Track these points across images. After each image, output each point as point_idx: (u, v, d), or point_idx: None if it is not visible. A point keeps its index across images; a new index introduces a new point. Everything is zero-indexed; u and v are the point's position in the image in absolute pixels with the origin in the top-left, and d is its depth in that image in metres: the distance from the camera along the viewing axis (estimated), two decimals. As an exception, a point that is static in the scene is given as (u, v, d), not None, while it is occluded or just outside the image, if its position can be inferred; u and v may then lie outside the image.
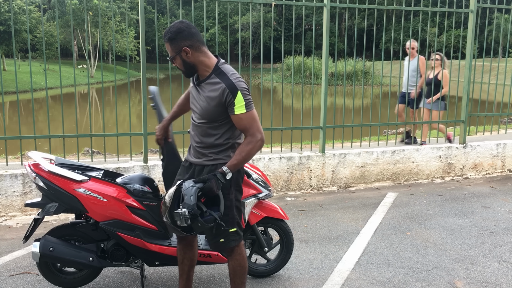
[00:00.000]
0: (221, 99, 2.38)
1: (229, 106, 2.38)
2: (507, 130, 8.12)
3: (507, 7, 6.68)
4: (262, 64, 6.69)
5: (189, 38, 2.37)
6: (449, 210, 4.96)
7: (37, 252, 2.79)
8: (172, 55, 2.42)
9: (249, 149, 2.38)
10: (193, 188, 2.30)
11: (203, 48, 2.42)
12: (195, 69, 2.46)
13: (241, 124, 2.40)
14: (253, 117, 2.40)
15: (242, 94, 2.36)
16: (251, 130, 2.39)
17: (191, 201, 2.26)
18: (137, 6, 15.90)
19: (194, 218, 2.27)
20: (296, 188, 5.64)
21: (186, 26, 2.38)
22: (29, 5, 34.39)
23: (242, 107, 2.36)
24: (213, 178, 2.33)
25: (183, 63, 2.42)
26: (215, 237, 2.51)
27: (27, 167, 2.86)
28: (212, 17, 50.58)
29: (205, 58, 2.43)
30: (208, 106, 2.43)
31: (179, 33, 2.36)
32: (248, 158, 2.41)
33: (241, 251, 2.65)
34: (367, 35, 10.76)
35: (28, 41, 4.89)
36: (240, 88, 2.36)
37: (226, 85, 2.36)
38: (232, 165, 2.38)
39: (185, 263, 2.81)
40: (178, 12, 59.28)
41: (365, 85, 20.23)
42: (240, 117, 2.38)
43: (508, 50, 7.75)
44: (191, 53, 2.38)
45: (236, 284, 2.71)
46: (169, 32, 2.38)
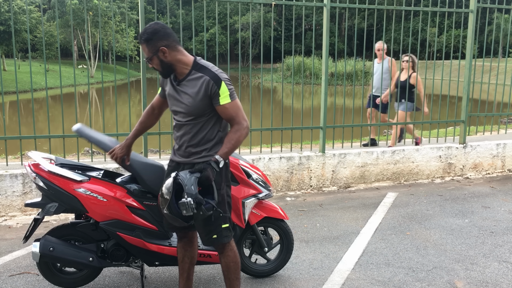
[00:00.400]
0: (206, 91, 2.44)
1: (214, 97, 2.44)
2: (507, 130, 8.12)
3: (507, 7, 6.68)
4: (262, 64, 6.69)
5: (165, 38, 2.41)
6: (449, 210, 4.96)
7: (37, 252, 2.79)
8: (149, 56, 2.45)
9: (237, 136, 2.46)
10: (192, 178, 2.35)
11: (179, 47, 2.48)
12: (172, 68, 2.49)
13: (227, 114, 2.47)
14: (238, 106, 2.49)
15: (225, 84, 2.44)
16: (237, 118, 2.47)
17: (193, 190, 2.31)
18: (137, 6, 15.90)
19: (198, 206, 2.32)
20: (296, 188, 5.64)
21: (162, 26, 2.43)
22: (29, 5, 34.39)
23: (227, 97, 2.44)
24: (209, 166, 2.39)
25: (160, 63, 2.46)
26: (208, 233, 2.56)
27: (27, 167, 2.86)
28: (212, 17, 50.57)
29: (182, 57, 2.48)
30: (194, 101, 2.47)
31: (155, 33, 2.40)
32: (237, 146, 2.49)
33: (232, 247, 2.69)
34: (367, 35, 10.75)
35: (28, 41, 4.89)
36: (223, 79, 2.44)
37: (209, 77, 2.43)
38: (223, 153, 2.46)
39: (186, 261, 2.82)
40: (178, 12, 59.33)
41: (365, 85, 20.23)
42: (225, 107, 2.45)
43: (508, 50, 7.75)
44: (168, 53, 2.42)
45: (231, 280, 2.72)
46: (145, 33, 2.42)
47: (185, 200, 2.29)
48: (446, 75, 7.29)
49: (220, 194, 2.54)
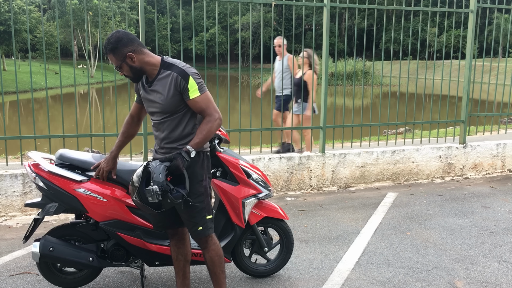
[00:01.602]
0: (176, 87, 2.47)
1: (184, 92, 2.48)
2: (507, 130, 8.12)
3: (507, 7, 6.68)
4: (262, 64, 6.69)
5: (130, 44, 2.46)
6: (449, 210, 4.96)
7: (37, 252, 2.79)
8: (117, 64, 2.49)
9: (208, 127, 2.48)
10: (161, 166, 2.39)
11: (144, 50, 2.52)
12: (142, 71, 2.54)
13: (198, 107, 2.51)
14: (208, 98, 2.52)
15: (193, 78, 2.47)
16: (208, 110, 2.50)
17: (160, 178, 2.36)
18: (137, 6, 15.89)
19: (164, 194, 2.36)
20: (296, 188, 5.64)
21: (124, 33, 2.49)
22: (29, 5, 34.38)
23: (196, 91, 2.47)
24: (179, 156, 2.42)
25: (130, 69, 2.51)
26: (194, 225, 2.61)
27: (27, 167, 2.86)
28: (212, 17, 50.57)
29: (149, 58, 2.52)
30: (165, 99, 2.50)
31: (119, 41, 2.45)
32: (209, 136, 2.50)
33: (215, 241, 2.72)
34: (367, 35, 10.69)
35: (28, 41, 4.89)
36: (190, 74, 2.47)
37: (177, 73, 2.47)
38: (195, 143, 2.47)
39: (180, 259, 2.85)
40: (178, 12, 59.31)
41: (365, 85, 20.22)
42: (196, 100, 2.48)
43: (508, 50, 7.75)
44: (135, 57, 2.47)
45: (217, 274, 2.73)
46: (109, 44, 2.47)
47: (151, 187, 2.34)
48: (446, 75, 7.29)
49: (203, 186, 2.60)
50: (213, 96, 2.68)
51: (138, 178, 2.44)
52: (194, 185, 2.57)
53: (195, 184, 2.57)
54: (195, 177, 2.57)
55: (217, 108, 2.54)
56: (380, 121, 6.57)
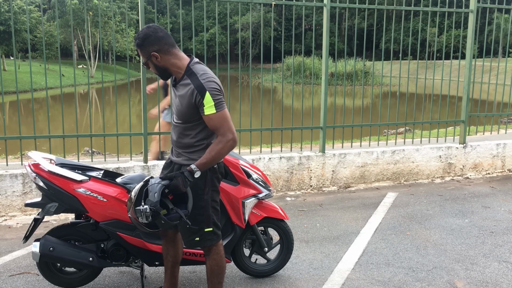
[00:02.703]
0: (190, 100, 2.39)
1: (200, 107, 2.39)
2: (507, 130, 8.12)
3: (507, 7, 6.68)
4: (262, 64, 6.69)
5: (156, 43, 2.38)
6: (449, 210, 4.96)
7: (37, 252, 2.78)
8: (144, 61, 2.46)
9: (219, 148, 2.38)
10: (158, 185, 2.30)
11: (173, 50, 2.43)
12: (168, 72, 2.49)
13: (212, 124, 2.40)
14: (224, 117, 2.39)
15: (210, 94, 2.35)
16: (221, 129, 2.38)
17: (155, 198, 2.27)
18: (137, 6, 15.89)
19: (156, 215, 2.27)
20: (296, 188, 5.64)
21: (153, 31, 2.39)
22: (29, 5, 34.38)
23: (212, 107, 2.36)
24: (180, 176, 2.34)
25: (155, 67, 2.47)
26: (191, 235, 2.57)
27: (27, 167, 2.86)
28: (212, 17, 50.57)
29: (176, 60, 2.44)
30: (181, 106, 2.46)
31: (146, 38, 2.38)
32: (218, 158, 2.41)
33: (219, 251, 2.67)
34: (367, 35, 10.61)
35: (28, 41, 4.89)
36: (208, 89, 2.36)
37: (194, 86, 2.37)
38: (201, 163, 2.38)
39: (168, 260, 2.85)
40: (178, 12, 59.30)
41: (365, 85, 20.23)
42: (210, 117, 2.38)
43: (508, 50, 7.76)
44: (160, 57, 2.41)
45: (214, 283, 2.72)
46: (137, 39, 2.41)
47: (141, 207, 2.27)
48: (446, 75, 7.30)
49: (204, 200, 2.52)
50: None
51: (135, 194, 2.36)
52: (193, 198, 2.50)
53: (194, 197, 2.50)
54: (194, 190, 2.49)
55: (233, 128, 2.40)
56: (380, 121, 6.57)
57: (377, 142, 6.44)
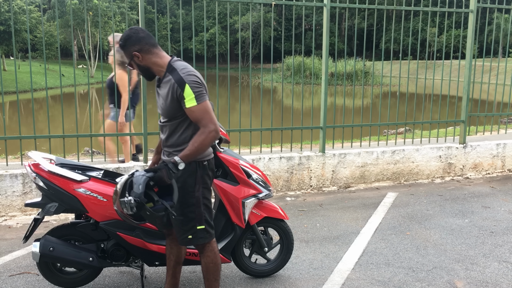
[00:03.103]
0: (172, 94, 2.44)
1: (181, 100, 2.43)
2: (507, 130, 8.12)
3: (507, 7, 6.68)
4: (262, 64, 6.69)
5: (137, 43, 2.45)
6: (449, 210, 4.96)
7: (37, 252, 2.78)
8: (128, 61, 2.53)
9: (201, 139, 2.40)
10: (143, 178, 2.33)
11: (154, 49, 2.49)
12: (150, 71, 2.54)
13: (194, 116, 2.43)
14: (205, 109, 2.42)
15: (190, 87, 2.39)
16: (203, 121, 2.41)
17: (139, 189, 2.29)
18: (137, 6, 15.89)
19: (140, 206, 2.30)
20: (296, 188, 5.64)
21: (134, 32, 2.47)
22: (29, 5, 34.38)
23: (193, 100, 2.40)
24: (164, 168, 2.37)
25: (138, 67, 2.53)
26: (184, 233, 2.59)
27: (27, 167, 2.86)
28: (212, 17, 50.57)
29: (157, 59, 2.50)
30: (165, 104, 2.50)
31: (128, 39, 2.46)
32: (201, 149, 2.42)
33: (212, 248, 2.69)
34: (367, 35, 10.61)
35: (28, 41, 4.89)
36: (187, 81, 2.40)
37: (174, 80, 2.42)
38: (184, 155, 2.40)
39: (171, 259, 2.86)
40: (178, 12, 59.29)
41: (365, 85, 20.24)
42: (192, 110, 2.41)
43: (508, 50, 7.76)
44: (141, 57, 2.47)
45: (210, 281, 2.73)
46: (120, 40, 2.49)
47: (125, 199, 2.29)
48: (446, 75, 7.29)
49: (195, 197, 2.54)
50: (213, 96, 2.67)
51: (121, 187, 2.38)
52: (184, 195, 2.52)
53: (185, 194, 2.52)
54: (185, 187, 2.52)
55: (215, 119, 2.44)
56: (380, 121, 6.58)
57: (377, 142, 6.44)
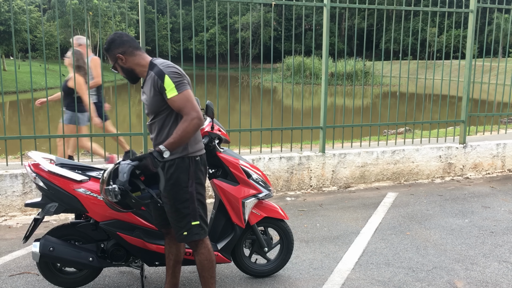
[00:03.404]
0: (155, 88, 2.49)
1: (162, 92, 2.47)
2: (507, 130, 8.12)
3: (507, 7, 6.68)
4: (262, 64, 6.69)
5: (121, 46, 2.53)
6: (449, 210, 4.96)
7: (37, 252, 2.78)
8: (112, 64, 2.60)
9: (184, 127, 2.43)
10: (128, 166, 2.38)
11: (137, 52, 2.57)
12: (134, 73, 2.60)
13: (176, 106, 2.47)
14: (186, 98, 2.45)
15: (170, 77, 2.44)
16: (185, 109, 2.45)
17: (124, 177, 2.34)
18: (137, 6, 15.90)
19: (125, 194, 2.34)
20: (296, 188, 5.64)
21: (118, 35, 2.56)
22: (29, 5, 34.40)
23: (173, 90, 2.44)
24: (149, 156, 2.41)
25: (122, 69, 2.59)
26: (179, 230, 2.62)
27: (27, 167, 2.86)
28: (212, 17, 50.57)
29: (140, 60, 2.57)
30: (148, 98, 2.55)
31: (112, 42, 2.54)
32: (185, 136, 2.44)
33: (206, 245, 2.70)
34: (367, 35, 10.61)
35: (28, 41, 4.89)
36: (167, 72, 2.45)
37: (155, 73, 2.49)
38: (169, 143, 2.43)
39: (170, 258, 2.87)
40: (178, 12, 59.30)
41: (365, 85, 20.25)
42: (173, 100, 2.45)
43: (508, 50, 7.76)
44: (125, 59, 2.55)
45: (206, 279, 2.73)
46: (104, 44, 2.58)
47: (110, 187, 2.34)
48: (446, 75, 7.30)
49: (188, 192, 2.57)
50: (213, 96, 2.68)
51: (108, 175, 2.43)
52: (178, 191, 2.55)
53: (178, 190, 2.55)
54: (178, 183, 2.54)
55: (197, 107, 2.47)
56: (380, 121, 6.58)
57: (377, 142, 6.44)
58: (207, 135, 3.03)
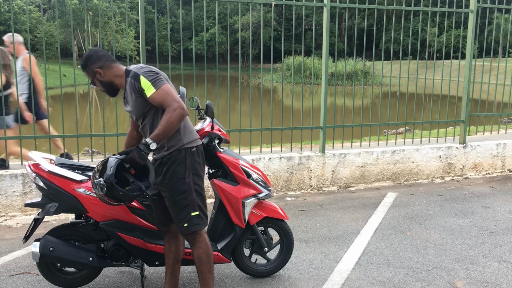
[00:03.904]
0: (134, 91, 2.56)
1: (142, 93, 2.52)
2: (507, 130, 8.12)
3: (507, 7, 6.67)
4: (262, 64, 6.69)
5: (97, 61, 2.61)
6: (449, 210, 4.96)
7: (37, 252, 2.78)
8: (91, 80, 2.67)
9: (167, 117, 2.46)
10: (114, 160, 2.45)
11: (114, 64, 2.65)
12: (113, 85, 2.68)
13: (157, 102, 2.52)
14: (165, 91, 2.50)
15: (144, 76, 2.51)
16: (166, 102, 2.49)
17: (110, 171, 2.40)
18: (137, 6, 15.90)
19: (111, 187, 2.40)
20: (296, 188, 5.64)
21: (94, 51, 2.64)
22: (29, 5, 34.40)
23: (151, 87, 2.50)
24: (136, 149, 2.46)
25: (101, 83, 2.67)
26: (180, 222, 2.66)
27: (27, 167, 2.86)
28: (212, 17, 50.57)
29: (117, 71, 2.65)
30: (131, 102, 2.62)
31: (88, 59, 2.61)
32: (169, 127, 2.47)
33: (204, 239, 2.73)
34: (367, 35, 10.62)
35: (28, 41, 4.89)
36: (141, 73, 2.52)
37: (130, 77, 2.57)
38: (154, 135, 2.47)
39: (169, 257, 2.88)
40: (178, 12, 59.32)
41: (365, 85, 20.25)
42: (153, 97, 2.50)
43: (508, 50, 7.76)
44: (103, 73, 2.62)
45: (203, 273, 2.74)
46: (81, 61, 2.64)
47: (95, 180, 2.42)
48: (446, 75, 7.30)
49: (185, 183, 2.61)
50: (213, 96, 2.69)
51: (97, 170, 2.49)
52: (175, 183, 2.61)
53: (176, 182, 2.61)
54: (175, 175, 2.60)
55: (178, 98, 2.51)
56: (380, 121, 6.58)
57: (377, 142, 6.44)
58: (207, 135, 3.03)
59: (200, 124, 3.20)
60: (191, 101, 3.31)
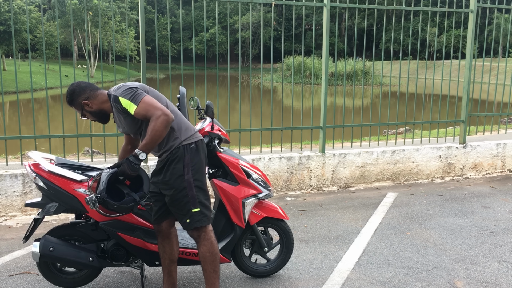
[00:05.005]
0: (119, 112, 2.63)
1: (127, 112, 2.58)
2: (507, 130, 8.12)
3: (507, 7, 6.67)
4: (262, 64, 6.69)
5: (82, 93, 2.66)
6: (449, 210, 4.96)
7: (37, 252, 2.78)
8: (80, 113, 2.72)
9: (152, 126, 2.50)
10: (106, 175, 2.51)
11: (98, 92, 2.69)
12: (103, 112, 2.73)
13: (142, 116, 2.56)
14: (146, 103, 2.54)
15: (123, 97, 2.55)
16: (149, 113, 2.53)
17: (102, 186, 2.47)
18: (137, 6, 15.90)
19: (103, 202, 2.47)
20: (296, 188, 5.64)
21: (76, 85, 2.69)
22: (29, 5, 34.40)
23: (131, 105, 2.54)
24: (126, 161, 2.51)
25: (91, 114, 2.72)
26: (182, 218, 2.69)
27: (27, 167, 2.86)
28: (212, 17, 50.58)
29: (102, 97, 2.69)
30: (124, 123, 2.70)
31: (73, 93, 2.66)
32: (156, 135, 2.50)
33: (209, 237, 2.73)
34: (367, 35, 10.60)
35: (28, 41, 4.89)
36: (119, 94, 2.57)
37: (112, 101, 2.63)
38: (142, 145, 2.53)
39: (165, 257, 2.89)
40: (178, 12, 59.30)
41: (365, 85, 20.24)
42: (137, 113, 2.55)
43: (508, 50, 7.75)
44: (91, 103, 2.67)
45: (208, 272, 2.74)
46: (66, 98, 2.69)
47: (87, 197, 2.47)
48: (446, 75, 7.30)
49: (185, 180, 2.64)
50: (213, 96, 2.69)
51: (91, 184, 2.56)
52: (175, 181, 2.64)
53: (176, 179, 2.64)
54: (174, 172, 2.64)
55: (160, 106, 2.53)
56: (380, 121, 6.58)
57: (377, 142, 6.44)
58: (207, 135, 3.03)
59: (200, 124, 3.20)
60: (191, 101, 3.31)
